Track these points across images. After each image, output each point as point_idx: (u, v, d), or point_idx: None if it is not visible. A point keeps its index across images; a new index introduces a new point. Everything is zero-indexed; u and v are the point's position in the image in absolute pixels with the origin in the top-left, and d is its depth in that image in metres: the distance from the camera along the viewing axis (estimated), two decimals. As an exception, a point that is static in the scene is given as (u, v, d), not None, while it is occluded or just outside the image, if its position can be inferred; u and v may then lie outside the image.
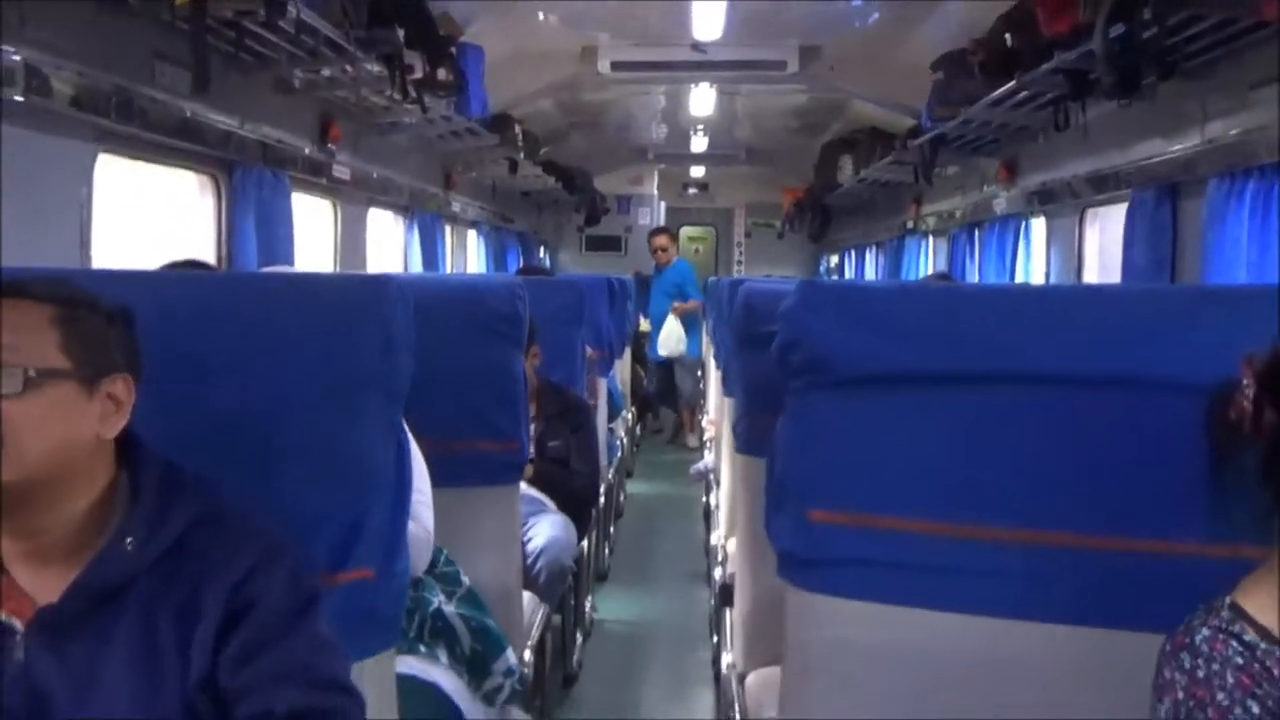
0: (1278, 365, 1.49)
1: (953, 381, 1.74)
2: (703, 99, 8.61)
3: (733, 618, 3.20)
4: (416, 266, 6.99)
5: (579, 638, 4.79)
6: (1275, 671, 1.42)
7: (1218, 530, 1.61)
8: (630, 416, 8.40)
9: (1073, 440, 1.70)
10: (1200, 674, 1.42)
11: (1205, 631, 1.45)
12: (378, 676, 1.80)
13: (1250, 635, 1.44)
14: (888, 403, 1.77)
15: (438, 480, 2.57)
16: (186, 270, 2.53)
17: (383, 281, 1.79)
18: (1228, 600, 1.47)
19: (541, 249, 12.58)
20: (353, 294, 1.80)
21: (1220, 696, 1.40)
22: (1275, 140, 3.32)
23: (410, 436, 2.55)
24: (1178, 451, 1.62)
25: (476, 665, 2.60)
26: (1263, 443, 1.48)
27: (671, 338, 9.62)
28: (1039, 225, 5.91)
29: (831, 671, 1.76)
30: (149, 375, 1.55)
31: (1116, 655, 1.62)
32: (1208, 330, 1.68)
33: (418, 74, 4.85)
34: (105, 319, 1.49)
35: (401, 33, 4.52)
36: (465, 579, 2.66)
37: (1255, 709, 1.39)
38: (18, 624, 1.42)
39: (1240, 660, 1.42)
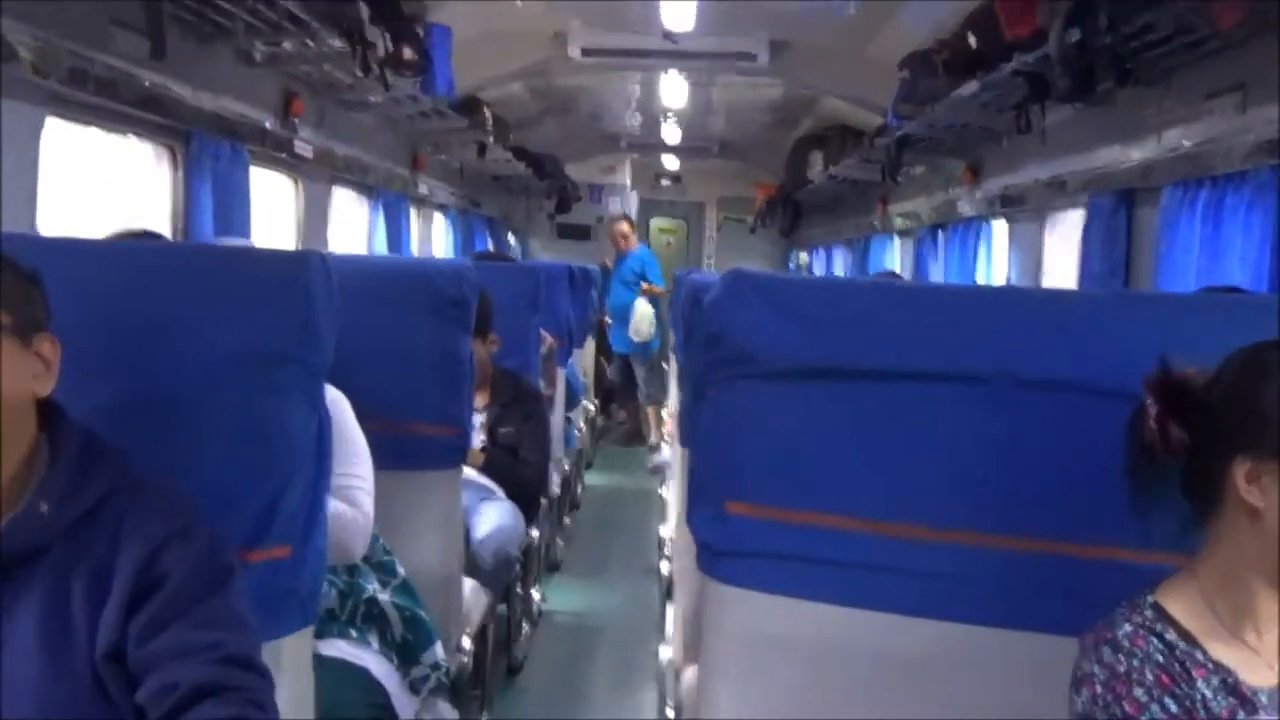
0: (1169, 381, 1.50)
1: (875, 378, 1.74)
2: (675, 89, 8.59)
3: (674, 612, 3.20)
4: (381, 248, 6.92)
5: (525, 628, 4.78)
6: (1192, 673, 1.43)
7: (1138, 536, 1.62)
8: (591, 408, 8.38)
9: (995, 441, 1.70)
10: (1120, 668, 1.43)
11: (1128, 627, 1.46)
12: (295, 654, 1.80)
13: (1171, 635, 1.45)
14: (809, 397, 1.76)
15: (380, 463, 2.57)
16: (130, 240, 2.51)
17: (304, 256, 1.78)
18: (1150, 599, 1.49)
19: (511, 236, 12.52)
20: (274, 268, 1.79)
21: (1138, 692, 1.41)
22: (1229, 150, 3.33)
23: (355, 422, 2.55)
24: (1100, 457, 1.63)
25: (406, 653, 2.59)
26: (1178, 460, 1.49)
27: (644, 322, 9.25)
28: (1000, 228, 5.92)
29: (745, 665, 1.76)
30: (69, 346, 1.53)
31: (1031, 656, 1.63)
32: (1135, 335, 1.68)
33: (381, 52, 4.80)
34: (26, 278, 1.50)
35: (365, 9, 4.48)
36: (401, 570, 2.65)
37: (1172, 707, 1.40)
38: None
39: (1160, 658, 1.43)
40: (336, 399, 2.51)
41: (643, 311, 9.25)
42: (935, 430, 1.72)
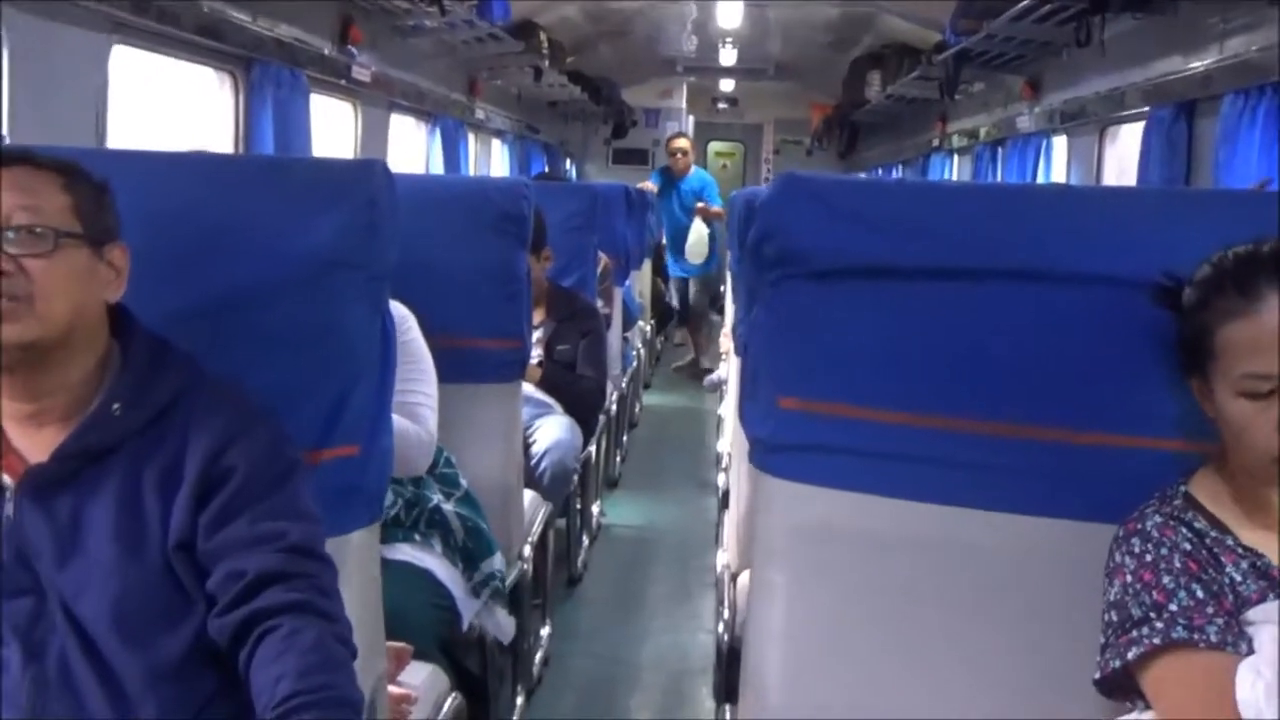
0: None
1: (924, 275, 1.76)
2: (732, 10, 8.53)
3: (728, 519, 3.26)
4: (438, 173, 6.98)
5: (585, 541, 4.88)
6: (1222, 558, 1.47)
7: (1182, 426, 1.64)
8: (648, 329, 8.43)
9: (1040, 335, 1.72)
10: (1149, 558, 1.48)
11: (1157, 518, 1.50)
12: (362, 551, 1.85)
13: (1200, 523, 1.49)
14: (859, 294, 1.79)
15: (441, 377, 2.63)
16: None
17: (368, 164, 1.83)
18: (1181, 489, 1.53)
19: (568, 161, 12.53)
20: (338, 175, 1.84)
21: (1166, 579, 1.45)
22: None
23: (422, 340, 2.62)
24: (1143, 349, 1.65)
25: (468, 559, 2.66)
26: None
27: (700, 243, 8.96)
28: (1060, 144, 5.87)
29: (794, 556, 1.80)
30: (137, 254, 1.60)
31: (1080, 545, 1.66)
32: (1178, 230, 1.70)
33: (436, -26, 4.82)
34: (97, 188, 1.56)
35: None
36: (464, 482, 2.72)
37: (1199, 592, 1.44)
38: (9, 481, 1.49)
39: (1188, 546, 1.47)
40: (405, 315, 2.58)
41: (699, 232, 8.98)
42: (982, 325, 1.75)
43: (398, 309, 2.55)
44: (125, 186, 1.62)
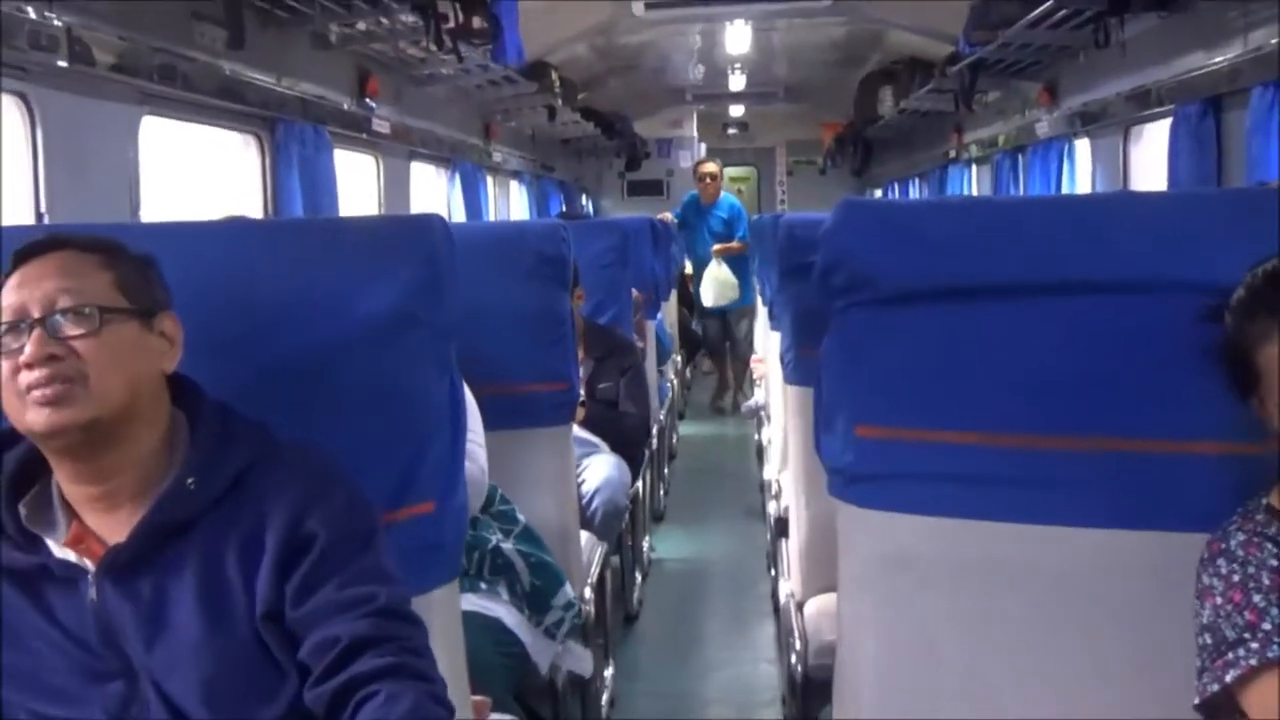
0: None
1: (993, 292, 1.75)
2: (739, 36, 8.53)
3: (789, 548, 3.24)
4: (460, 218, 7.00)
5: (638, 577, 4.86)
6: None
7: (1250, 430, 1.62)
8: (679, 359, 8.42)
9: (1114, 345, 1.71)
10: (1236, 578, 1.45)
11: (1240, 536, 1.48)
12: (444, 607, 1.84)
13: None
14: (930, 317, 1.78)
15: (491, 424, 2.61)
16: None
17: (426, 219, 1.82)
18: (1264, 502, 1.50)
19: (583, 196, 12.56)
20: (396, 233, 1.84)
21: (1257, 599, 1.43)
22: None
23: (460, 377, 2.61)
24: (1215, 353, 1.63)
25: (536, 600, 2.64)
26: None
27: (717, 284, 8.44)
28: (1083, 147, 5.84)
29: (883, 584, 1.78)
30: (201, 326, 1.60)
31: (1174, 556, 1.63)
32: (1242, 232, 1.67)
33: (452, 23, 4.85)
34: (141, 262, 1.55)
35: (435, -18, 4.53)
36: (521, 517, 2.70)
37: None
38: (89, 564, 1.48)
39: (1275, 562, 1.44)
40: None
41: (713, 273, 8.48)
42: (1055, 339, 1.73)
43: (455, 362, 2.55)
44: (182, 259, 1.63)
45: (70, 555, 1.49)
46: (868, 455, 1.79)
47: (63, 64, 2.92)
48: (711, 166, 9.07)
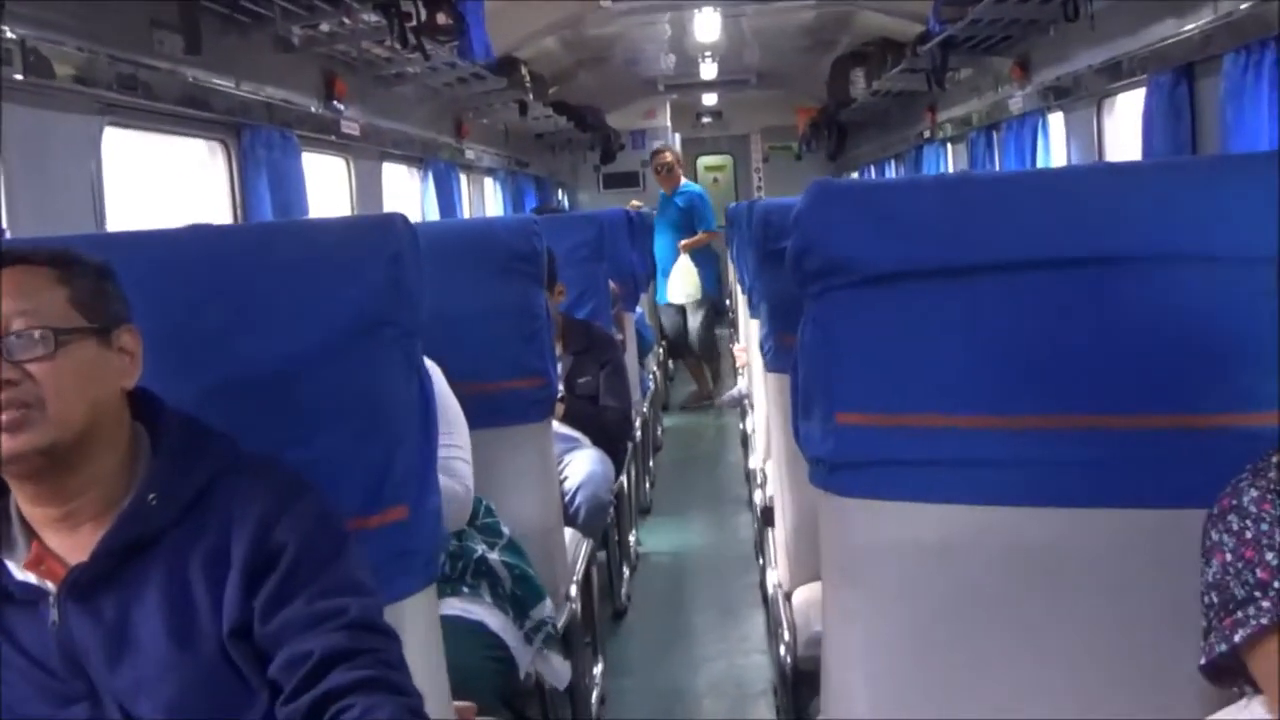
0: None
1: (970, 272, 1.72)
2: (708, 24, 8.49)
3: (775, 538, 3.21)
4: (434, 218, 6.95)
5: (625, 572, 4.83)
6: None
7: (1259, 398, 1.59)
8: (662, 351, 8.38)
9: (1093, 320, 1.68)
10: (1249, 534, 1.40)
11: (1254, 492, 1.42)
12: (420, 614, 1.80)
13: None
14: (906, 299, 1.74)
15: (472, 423, 2.58)
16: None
17: (388, 219, 1.78)
18: (1275, 460, 1.44)
19: (559, 191, 12.52)
20: (359, 233, 1.80)
21: (1270, 556, 1.37)
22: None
23: (451, 392, 2.57)
24: (1203, 323, 1.61)
25: (517, 607, 2.62)
26: None
27: (684, 281, 8.13)
28: (1056, 121, 5.82)
29: (868, 573, 1.75)
30: (163, 336, 1.56)
31: (1163, 532, 1.62)
32: (1228, 199, 1.65)
33: (415, 21, 4.80)
34: (97, 274, 1.50)
35: (397, -22, 4.48)
36: (506, 530, 2.68)
37: None
38: (50, 585, 1.44)
39: None
40: (431, 368, 2.54)
41: (682, 268, 8.14)
42: (1037, 317, 1.70)
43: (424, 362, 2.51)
44: (141, 268, 1.59)
45: (31, 577, 1.45)
46: (849, 443, 1.75)
47: (18, 77, 2.87)
48: (667, 157, 8.66)
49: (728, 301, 10.36)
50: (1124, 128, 5.12)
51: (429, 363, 2.47)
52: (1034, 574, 1.69)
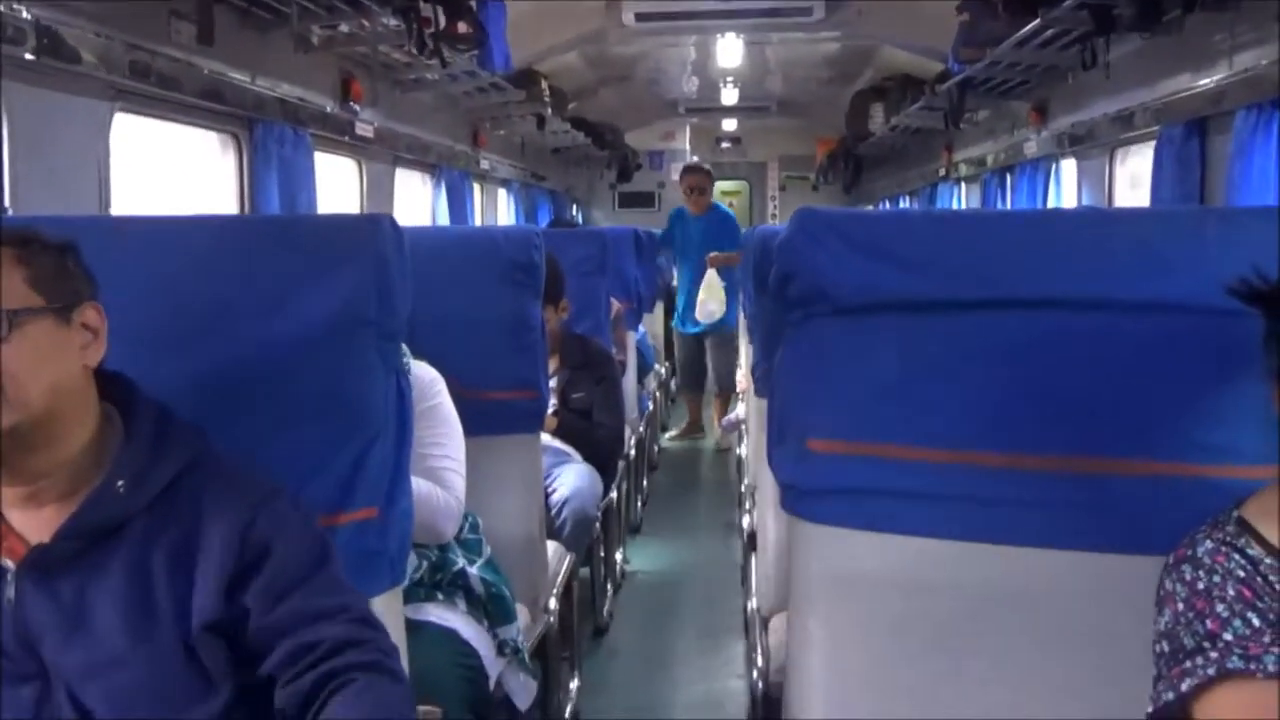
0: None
1: (950, 307, 1.73)
2: (731, 50, 8.51)
3: (756, 562, 3.20)
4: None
5: (610, 589, 4.81)
6: (1277, 586, 1.40)
7: (1230, 452, 1.59)
8: (664, 370, 8.36)
9: (1071, 364, 1.68)
10: (1200, 585, 1.42)
11: (1208, 544, 1.44)
12: (386, 616, 1.79)
13: (1255, 550, 1.43)
14: (885, 330, 1.75)
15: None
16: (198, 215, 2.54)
17: (375, 219, 1.78)
18: (1234, 514, 1.47)
19: (574, 207, 12.53)
20: (344, 233, 1.80)
21: (1220, 608, 1.39)
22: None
23: (451, 403, 2.58)
24: (1177, 373, 1.61)
25: (490, 619, 2.61)
26: None
27: (711, 296, 7.58)
28: (1069, 167, 5.83)
29: (832, 602, 1.75)
30: (139, 323, 1.56)
31: (1130, 578, 1.61)
32: (1208, 251, 1.65)
33: (435, 27, 4.81)
34: (58, 251, 1.49)
35: (418, -15, 4.50)
36: (487, 548, 2.68)
37: (1255, 621, 1.38)
38: (9, 563, 1.44)
39: (1242, 573, 1.41)
40: (435, 378, 2.55)
41: (710, 283, 7.61)
42: (1011, 356, 1.70)
43: (428, 371, 2.52)
44: (126, 253, 1.59)
45: None
46: (819, 470, 1.75)
47: (29, 56, 2.88)
48: (699, 178, 8.13)
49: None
50: (1137, 180, 5.12)
51: (433, 372, 2.52)
52: (996, 611, 1.69)
